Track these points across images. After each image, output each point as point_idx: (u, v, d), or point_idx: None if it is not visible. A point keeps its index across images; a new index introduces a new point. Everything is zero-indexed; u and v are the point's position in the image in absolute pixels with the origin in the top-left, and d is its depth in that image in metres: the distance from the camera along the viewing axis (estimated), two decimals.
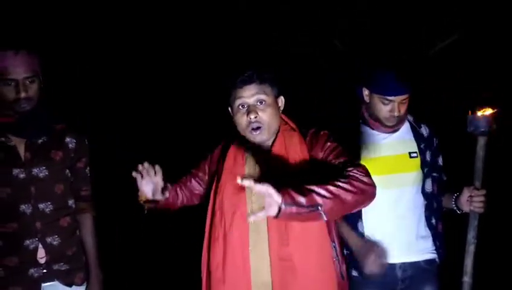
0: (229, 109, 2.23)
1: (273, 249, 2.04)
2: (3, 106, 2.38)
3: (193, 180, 2.41)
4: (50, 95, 2.51)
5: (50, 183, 2.44)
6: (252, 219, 1.87)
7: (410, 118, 2.63)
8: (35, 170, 2.41)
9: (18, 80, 2.33)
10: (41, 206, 2.41)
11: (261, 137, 2.15)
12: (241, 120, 2.15)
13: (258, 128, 2.12)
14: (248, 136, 2.16)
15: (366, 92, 2.56)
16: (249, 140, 2.19)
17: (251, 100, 2.13)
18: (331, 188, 1.89)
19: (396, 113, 2.47)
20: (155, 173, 2.12)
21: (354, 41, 4.18)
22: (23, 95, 2.34)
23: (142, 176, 2.10)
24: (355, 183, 1.95)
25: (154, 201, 2.19)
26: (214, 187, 2.22)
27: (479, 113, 2.28)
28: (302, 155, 2.13)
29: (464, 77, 3.90)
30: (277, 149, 2.15)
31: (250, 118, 2.12)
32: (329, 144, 2.15)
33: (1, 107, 2.39)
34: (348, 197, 1.92)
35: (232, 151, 2.24)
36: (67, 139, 2.52)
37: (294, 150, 2.14)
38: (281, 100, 2.24)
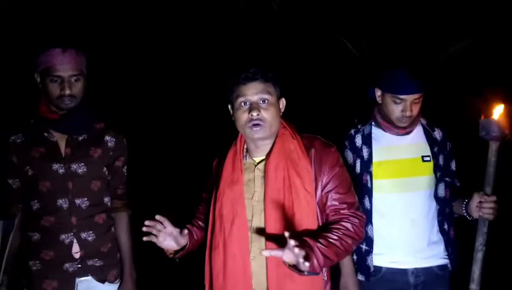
0: (229, 105, 2.17)
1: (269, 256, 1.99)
2: (49, 102, 2.45)
3: (206, 207, 2.31)
4: (92, 93, 2.58)
5: (87, 179, 2.49)
6: (266, 253, 1.88)
7: (423, 121, 2.60)
8: (74, 166, 2.47)
9: (64, 77, 2.40)
10: (77, 201, 2.46)
11: (261, 134, 2.08)
12: (242, 117, 2.08)
13: (259, 125, 2.06)
14: (247, 132, 2.09)
15: (378, 92, 2.55)
16: (248, 137, 2.13)
17: (254, 98, 2.07)
18: (338, 250, 1.98)
19: (408, 113, 2.44)
20: (163, 225, 2.05)
21: (366, 44, 4.15)
22: (67, 92, 2.41)
23: (156, 236, 2.06)
24: (355, 240, 2.05)
25: (182, 249, 2.15)
26: (213, 195, 2.19)
27: (492, 118, 2.23)
28: (302, 164, 2.08)
29: (477, 81, 3.83)
30: (275, 156, 2.10)
31: (252, 115, 2.05)
32: (338, 169, 2.10)
33: (47, 103, 2.47)
34: (342, 256, 2.06)
35: (230, 157, 2.19)
36: (107, 138, 2.57)
37: (293, 158, 2.09)
38: (282, 102, 2.18)
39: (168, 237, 2.07)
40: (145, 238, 2.05)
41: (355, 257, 2.52)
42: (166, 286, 3.94)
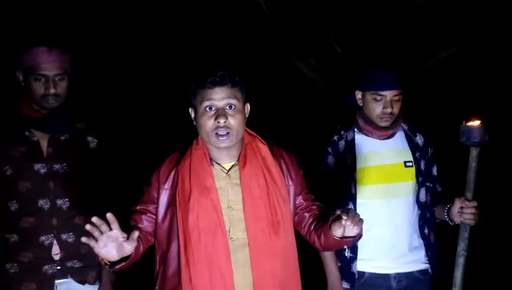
0: (190, 109, 2.05)
1: (256, 266, 1.97)
2: (32, 100, 2.42)
3: (144, 220, 2.07)
4: (75, 93, 2.55)
5: (69, 180, 2.46)
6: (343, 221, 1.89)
7: (405, 126, 2.62)
8: (56, 166, 2.43)
9: (49, 76, 2.38)
10: (59, 202, 2.43)
11: (227, 143, 1.98)
12: (207, 123, 1.97)
13: (227, 133, 1.96)
14: (213, 140, 1.98)
15: (358, 95, 2.58)
16: (212, 145, 2.01)
17: (221, 103, 1.96)
18: None
19: (389, 110, 2.47)
20: (109, 226, 1.78)
21: (354, 51, 4.24)
22: (52, 91, 2.38)
23: (96, 240, 1.77)
24: None
25: (124, 258, 1.86)
26: (179, 204, 2.00)
27: (472, 124, 2.25)
28: (275, 171, 2.06)
29: (460, 88, 4.00)
30: (251, 163, 2.04)
31: (219, 122, 1.94)
32: (301, 172, 2.14)
33: (30, 101, 2.43)
34: None
35: (196, 163, 2.04)
36: (89, 139, 2.56)
37: (268, 165, 2.06)
38: (247, 107, 2.07)
39: (110, 243, 1.79)
40: (83, 239, 1.78)
41: (339, 264, 2.54)
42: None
